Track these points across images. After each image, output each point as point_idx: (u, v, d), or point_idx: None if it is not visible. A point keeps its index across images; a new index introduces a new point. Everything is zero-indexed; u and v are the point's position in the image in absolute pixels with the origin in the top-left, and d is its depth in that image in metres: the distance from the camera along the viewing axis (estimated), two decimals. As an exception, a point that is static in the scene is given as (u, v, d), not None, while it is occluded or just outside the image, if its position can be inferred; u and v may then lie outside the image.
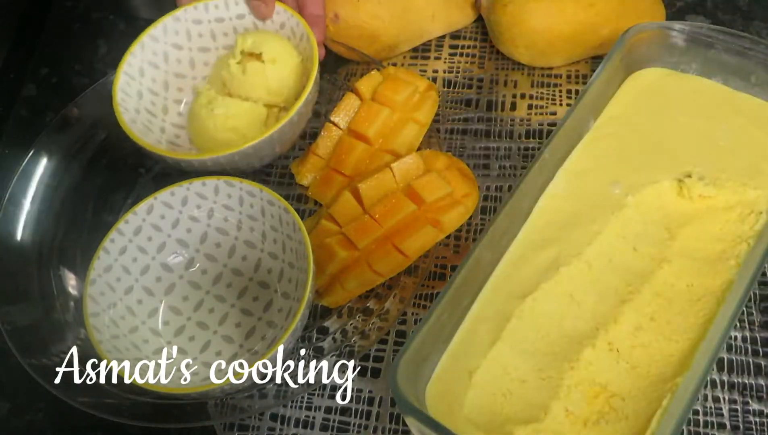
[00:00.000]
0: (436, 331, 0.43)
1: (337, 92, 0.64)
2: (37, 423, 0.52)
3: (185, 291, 0.54)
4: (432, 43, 0.67)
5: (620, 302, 0.46)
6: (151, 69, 0.58)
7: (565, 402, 0.43)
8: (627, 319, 0.45)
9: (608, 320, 0.45)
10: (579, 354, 0.44)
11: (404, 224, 0.52)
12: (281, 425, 0.50)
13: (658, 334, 0.45)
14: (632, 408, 0.42)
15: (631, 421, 0.42)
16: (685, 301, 0.46)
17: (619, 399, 0.43)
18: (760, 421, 0.47)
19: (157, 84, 0.59)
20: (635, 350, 0.44)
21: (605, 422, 0.42)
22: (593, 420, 0.42)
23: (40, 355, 0.49)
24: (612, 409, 0.42)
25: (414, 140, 0.58)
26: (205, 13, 0.59)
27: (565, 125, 0.49)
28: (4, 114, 0.68)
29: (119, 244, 0.50)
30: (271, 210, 0.51)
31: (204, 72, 0.61)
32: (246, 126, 0.56)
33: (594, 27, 0.60)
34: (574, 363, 0.44)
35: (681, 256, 0.47)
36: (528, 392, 0.43)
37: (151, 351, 0.50)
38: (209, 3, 0.59)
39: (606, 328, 0.45)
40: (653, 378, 0.43)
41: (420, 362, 0.43)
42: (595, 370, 0.44)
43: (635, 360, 0.44)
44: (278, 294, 0.53)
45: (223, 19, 0.59)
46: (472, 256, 0.44)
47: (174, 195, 0.52)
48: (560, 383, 0.43)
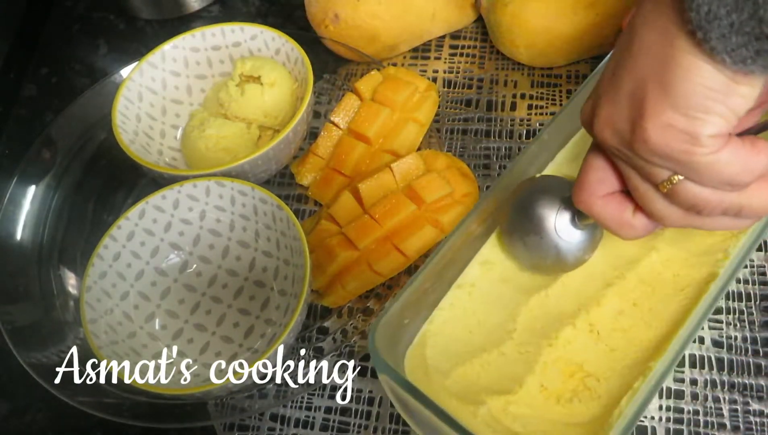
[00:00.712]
0: (419, 298, 0.44)
1: (337, 92, 0.64)
2: (37, 423, 0.52)
3: (181, 294, 0.54)
4: (432, 43, 0.67)
5: (605, 285, 0.47)
6: (150, 94, 0.59)
7: (541, 377, 0.43)
8: (610, 302, 0.46)
9: (591, 302, 0.46)
10: (559, 332, 0.45)
11: (404, 224, 0.52)
12: (281, 425, 0.50)
13: (639, 319, 0.45)
14: (606, 388, 0.43)
15: (604, 401, 0.42)
16: (669, 290, 0.46)
17: (594, 379, 0.43)
18: (760, 421, 0.47)
19: (155, 109, 0.59)
20: (615, 333, 0.45)
21: (578, 400, 0.42)
22: (566, 397, 0.43)
23: (40, 355, 0.49)
24: (586, 388, 0.43)
25: (414, 140, 0.58)
26: (203, 41, 0.60)
27: (567, 110, 0.49)
28: (4, 114, 0.68)
29: (113, 250, 0.50)
30: (263, 208, 0.51)
31: (200, 98, 0.62)
32: (238, 146, 0.56)
33: (594, 27, 0.60)
34: (553, 341, 0.44)
35: (670, 246, 0.48)
36: (505, 365, 0.44)
37: (150, 355, 0.50)
38: (206, 31, 0.60)
39: (588, 309, 0.46)
40: (629, 361, 0.43)
41: (401, 326, 0.43)
42: (574, 349, 0.44)
43: (614, 343, 0.44)
44: (275, 292, 0.53)
45: (219, 47, 0.60)
46: (461, 228, 0.44)
47: (165, 198, 0.52)
48: (537, 359, 0.44)
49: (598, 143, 0.37)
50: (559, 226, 0.45)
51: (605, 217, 0.38)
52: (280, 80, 0.57)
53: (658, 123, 0.32)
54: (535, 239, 0.45)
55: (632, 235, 0.38)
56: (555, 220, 0.45)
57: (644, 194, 0.35)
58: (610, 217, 0.38)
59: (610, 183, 0.37)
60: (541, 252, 0.45)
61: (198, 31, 0.59)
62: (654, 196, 0.35)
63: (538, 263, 0.47)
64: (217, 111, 0.59)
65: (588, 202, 0.38)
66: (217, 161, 0.56)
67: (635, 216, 0.37)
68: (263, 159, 0.53)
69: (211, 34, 0.60)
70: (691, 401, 0.48)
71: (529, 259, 0.47)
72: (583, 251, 0.46)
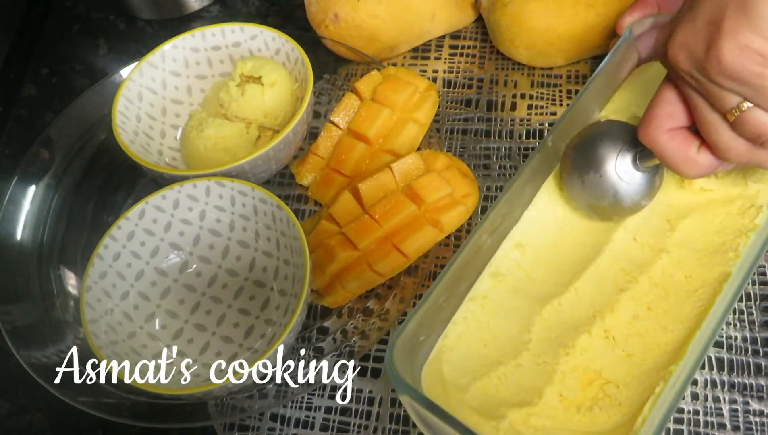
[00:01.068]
0: (433, 313, 0.43)
1: (337, 92, 0.64)
2: (37, 423, 0.52)
3: (181, 294, 0.54)
4: (432, 43, 0.67)
5: (618, 291, 0.46)
6: (150, 94, 0.59)
7: (560, 387, 0.43)
8: (624, 307, 0.46)
9: (605, 308, 0.46)
10: (575, 340, 0.44)
11: (404, 224, 0.52)
12: (281, 425, 0.50)
13: (655, 323, 0.45)
14: (626, 395, 0.42)
15: (625, 408, 0.42)
16: (682, 292, 0.46)
17: (613, 386, 0.43)
18: (760, 421, 0.47)
19: (155, 109, 0.59)
20: (631, 338, 0.45)
21: (599, 408, 0.42)
22: (587, 406, 0.42)
23: (40, 355, 0.49)
24: (606, 396, 0.43)
25: (414, 140, 0.58)
26: (203, 41, 0.60)
27: (570, 114, 0.49)
28: (4, 114, 0.68)
29: (113, 250, 0.50)
30: (263, 208, 0.51)
31: (200, 98, 0.62)
32: (236, 146, 0.56)
33: (594, 27, 0.60)
34: (569, 349, 0.44)
35: (680, 248, 0.48)
36: (523, 376, 0.44)
37: (150, 355, 0.50)
38: (206, 31, 0.59)
39: (603, 315, 0.45)
40: (648, 366, 0.43)
41: (416, 343, 0.43)
42: (591, 356, 0.44)
43: (631, 348, 0.44)
44: (275, 292, 0.53)
45: (219, 46, 0.60)
46: (471, 240, 0.44)
47: (165, 198, 0.52)
48: (555, 368, 0.44)
49: (670, 70, 0.37)
50: (620, 166, 0.45)
51: (670, 152, 0.38)
52: (280, 81, 0.57)
53: (734, 44, 0.32)
54: (594, 178, 0.45)
55: (695, 172, 0.38)
56: (616, 160, 0.45)
57: (711, 125, 0.36)
58: (674, 152, 0.38)
59: (678, 118, 0.38)
60: (599, 191, 0.45)
61: (198, 31, 0.59)
62: (721, 127, 0.36)
63: (594, 204, 0.47)
64: (217, 111, 0.59)
65: (653, 136, 0.39)
66: (216, 161, 0.56)
67: (700, 152, 0.38)
68: (263, 159, 0.53)
69: (211, 34, 0.60)
70: (691, 401, 0.48)
71: (585, 199, 0.47)
72: (642, 195, 0.45)
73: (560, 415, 0.42)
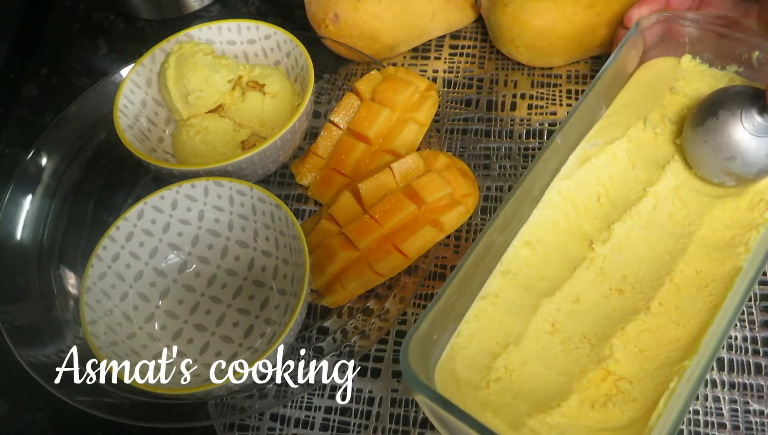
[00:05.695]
0: (446, 312, 0.44)
1: (337, 92, 0.64)
2: (37, 423, 0.52)
3: (180, 294, 0.54)
4: (432, 43, 0.68)
5: None
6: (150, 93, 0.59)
7: (574, 384, 0.43)
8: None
9: None
10: None
11: (404, 224, 0.52)
12: (281, 425, 0.50)
13: (666, 318, 0.45)
14: (639, 391, 0.42)
15: (639, 404, 0.42)
16: (693, 287, 0.46)
17: (626, 382, 0.43)
18: (760, 420, 0.47)
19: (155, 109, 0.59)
20: (643, 334, 0.44)
21: (612, 404, 0.42)
22: (601, 402, 0.42)
23: (40, 355, 0.49)
24: (619, 392, 0.42)
25: (414, 140, 0.58)
26: (218, 35, 0.60)
27: (578, 111, 0.49)
28: (4, 114, 0.68)
29: (112, 251, 0.50)
30: (262, 207, 0.51)
31: None
32: (218, 139, 0.56)
33: (594, 27, 0.60)
34: None
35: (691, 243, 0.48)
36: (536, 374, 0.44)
37: (150, 356, 0.50)
38: (222, 25, 0.60)
39: None
40: (661, 362, 0.43)
41: (430, 343, 0.43)
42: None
43: (643, 344, 0.44)
44: (274, 291, 0.53)
45: (234, 42, 0.60)
46: (482, 239, 0.44)
47: (164, 199, 0.52)
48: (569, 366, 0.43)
49: None
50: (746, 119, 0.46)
51: None
52: (282, 93, 0.57)
53: None
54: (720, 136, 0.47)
55: None
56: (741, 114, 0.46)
57: None
58: None
59: None
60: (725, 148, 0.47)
61: (195, 29, 0.59)
62: None
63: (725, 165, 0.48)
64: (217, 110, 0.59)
65: None
66: (194, 150, 0.56)
67: None
68: (247, 162, 0.53)
69: (227, 28, 0.60)
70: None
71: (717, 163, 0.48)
72: None
73: (575, 411, 0.42)
